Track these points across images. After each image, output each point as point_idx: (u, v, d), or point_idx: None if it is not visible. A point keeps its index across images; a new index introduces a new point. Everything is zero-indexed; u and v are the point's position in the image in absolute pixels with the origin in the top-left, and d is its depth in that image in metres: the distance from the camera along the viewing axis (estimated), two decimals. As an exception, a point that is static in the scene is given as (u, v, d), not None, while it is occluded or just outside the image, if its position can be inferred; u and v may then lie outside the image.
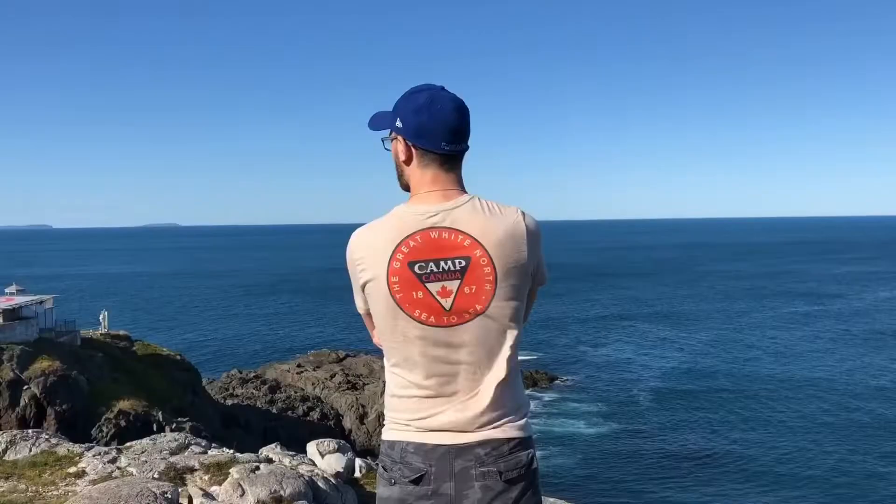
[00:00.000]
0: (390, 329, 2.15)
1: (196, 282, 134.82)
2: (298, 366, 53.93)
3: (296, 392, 48.70)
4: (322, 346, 62.58)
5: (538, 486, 2.22)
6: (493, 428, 2.14)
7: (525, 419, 2.22)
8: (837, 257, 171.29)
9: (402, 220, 2.13)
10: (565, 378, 55.06)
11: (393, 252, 2.10)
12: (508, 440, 2.15)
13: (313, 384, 50.09)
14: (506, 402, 2.17)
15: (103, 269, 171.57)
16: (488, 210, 2.14)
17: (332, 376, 50.68)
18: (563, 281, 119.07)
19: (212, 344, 71.18)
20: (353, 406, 45.83)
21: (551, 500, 7.26)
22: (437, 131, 2.14)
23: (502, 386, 2.16)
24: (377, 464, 2.43)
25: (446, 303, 2.09)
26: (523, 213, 2.18)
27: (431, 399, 2.16)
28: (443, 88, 2.20)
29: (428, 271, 2.08)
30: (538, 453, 2.32)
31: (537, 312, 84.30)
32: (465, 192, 2.20)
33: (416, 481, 2.12)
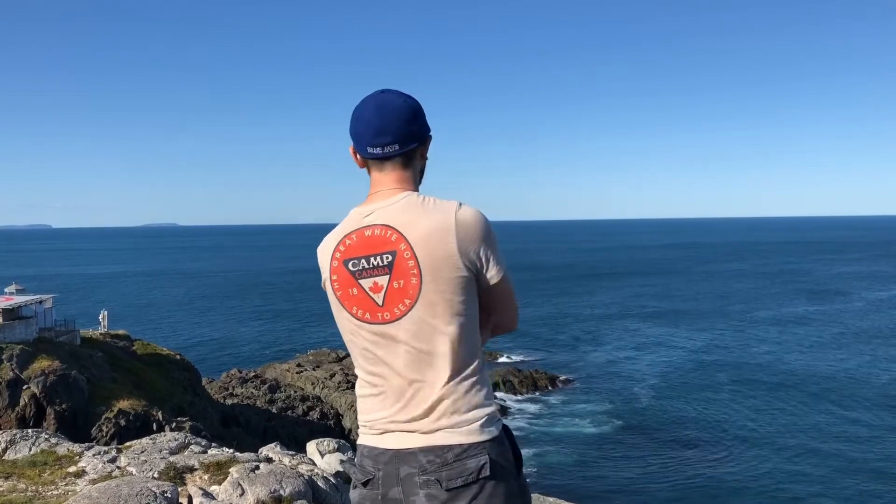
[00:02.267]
0: (341, 328, 2.20)
1: (196, 281, 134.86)
2: (298, 365, 53.97)
3: (295, 391, 48.70)
4: (322, 346, 62.68)
5: (500, 495, 2.01)
6: (435, 433, 2.03)
7: (477, 423, 2.04)
8: (837, 257, 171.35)
9: (347, 221, 2.18)
10: (566, 378, 55.01)
11: (333, 252, 2.16)
12: (451, 447, 2.01)
13: (313, 383, 50.11)
14: (452, 404, 2.04)
15: (103, 268, 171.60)
16: (421, 205, 2.09)
17: (332, 376, 50.71)
18: (563, 281, 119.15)
19: (211, 343, 71.16)
20: (352, 405, 45.78)
21: (550, 499, 7.25)
22: (362, 135, 2.16)
23: (446, 386, 2.04)
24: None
25: (378, 298, 2.08)
26: (460, 205, 2.08)
27: (375, 398, 2.13)
28: (382, 91, 2.18)
29: (360, 268, 2.11)
30: (538, 453, 2.26)
31: (538, 311, 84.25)
32: (411, 191, 2.15)
33: (366, 484, 2.11)
